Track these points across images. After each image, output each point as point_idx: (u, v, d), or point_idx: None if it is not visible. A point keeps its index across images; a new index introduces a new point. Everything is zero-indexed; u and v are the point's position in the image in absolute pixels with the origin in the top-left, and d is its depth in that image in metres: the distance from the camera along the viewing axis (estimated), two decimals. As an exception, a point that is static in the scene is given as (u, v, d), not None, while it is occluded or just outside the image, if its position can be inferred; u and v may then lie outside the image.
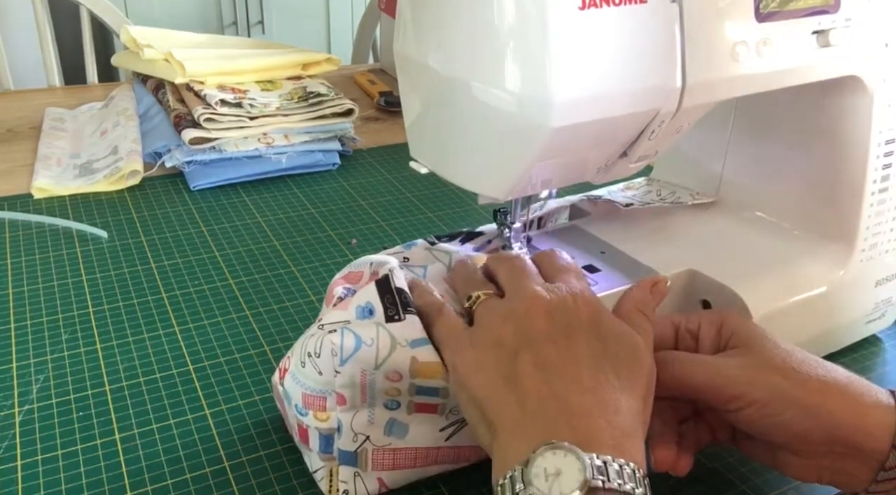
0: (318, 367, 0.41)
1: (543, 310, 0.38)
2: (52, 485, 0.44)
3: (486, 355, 0.38)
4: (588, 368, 0.36)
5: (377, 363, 0.40)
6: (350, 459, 0.42)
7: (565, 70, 0.36)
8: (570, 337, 0.38)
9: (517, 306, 0.39)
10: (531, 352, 0.37)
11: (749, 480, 0.47)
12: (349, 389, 0.41)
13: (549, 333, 0.38)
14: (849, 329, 0.58)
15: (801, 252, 0.56)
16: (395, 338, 0.41)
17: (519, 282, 0.41)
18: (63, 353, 0.55)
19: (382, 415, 0.42)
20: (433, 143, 0.46)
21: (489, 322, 0.39)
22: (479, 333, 0.39)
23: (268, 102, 0.87)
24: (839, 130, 0.53)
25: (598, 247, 0.56)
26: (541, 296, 0.39)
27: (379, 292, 0.42)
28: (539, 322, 0.38)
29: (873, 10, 0.48)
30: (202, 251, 0.70)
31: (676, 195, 0.62)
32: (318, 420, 0.42)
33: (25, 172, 0.84)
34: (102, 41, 1.89)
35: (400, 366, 0.41)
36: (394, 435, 0.42)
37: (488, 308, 0.41)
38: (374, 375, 0.41)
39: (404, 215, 0.79)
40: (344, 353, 0.40)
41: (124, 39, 0.99)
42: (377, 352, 0.40)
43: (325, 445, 0.43)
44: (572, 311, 0.39)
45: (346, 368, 0.40)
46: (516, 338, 0.38)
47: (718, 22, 0.41)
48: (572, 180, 0.47)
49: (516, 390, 0.36)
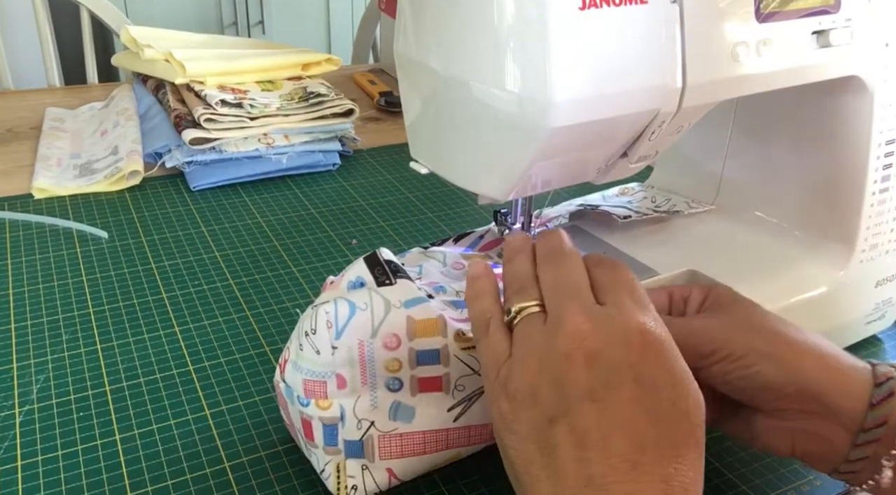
0: (316, 346, 0.40)
1: (585, 356, 0.33)
2: (52, 485, 0.44)
3: (521, 412, 0.34)
4: (634, 435, 0.32)
5: (373, 328, 0.40)
6: (356, 450, 0.42)
7: (565, 70, 0.36)
8: (615, 390, 0.33)
9: (556, 347, 0.34)
10: (568, 421, 0.32)
11: (749, 480, 0.47)
12: (348, 368, 0.41)
13: (590, 388, 0.33)
14: (849, 329, 0.58)
15: (801, 252, 0.56)
16: (389, 300, 0.41)
17: (562, 309, 0.35)
18: (63, 353, 0.55)
19: (385, 398, 0.42)
20: (433, 143, 0.46)
21: (526, 362, 0.35)
22: (514, 377, 0.35)
23: (268, 102, 0.87)
24: (839, 130, 0.53)
25: (598, 247, 0.56)
26: (583, 333, 0.34)
27: (368, 265, 0.43)
28: (579, 372, 0.33)
29: (873, 10, 0.48)
30: (202, 251, 0.70)
31: (672, 202, 0.62)
32: (319, 408, 0.41)
33: (25, 172, 0.84)
34: (102, 41, 1.89)
35: (397, 327, 0.40)
36: (399, 419, 0.42)
37: (527, 336, 0.36)
38: (372, 344, 0.40)
39: (404, 215, 0.79)
40: (339, 322, 0.40)
41: (124, 39, 0.99)
42: (372, 316, 0.40)
43: (330, 437, 0.42)
44: (620, 353, 0.33)
45: (342, 341, 0.40)
46: (553, 395, 0.33)
47: (719, 22, 0.41)
48: (572, 181, 0.47)
49: (551, 468, 0.32)
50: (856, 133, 0.52)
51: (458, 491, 0.45)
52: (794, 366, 0.39)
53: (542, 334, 0.35)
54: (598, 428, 0.32)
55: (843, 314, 0.57)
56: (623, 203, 0.62)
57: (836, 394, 0.38)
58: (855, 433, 0.38)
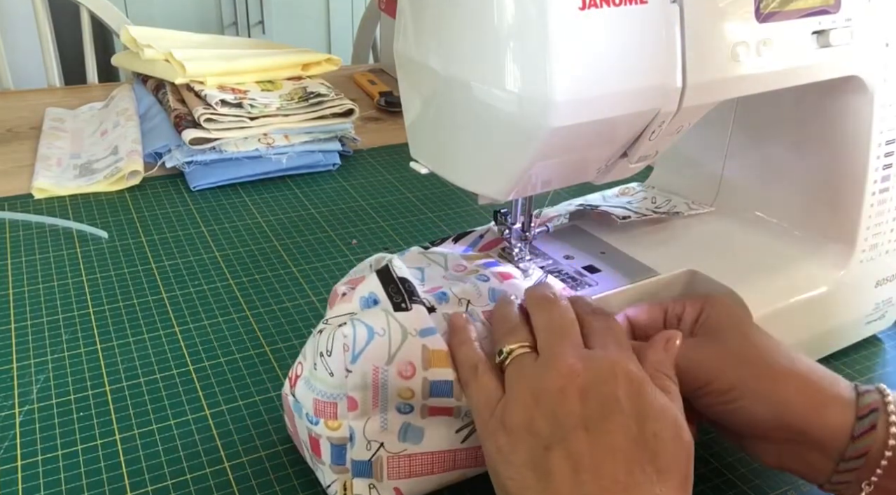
0: (329, 368, 0.40)
1: (578, 390, 0.36)
2: (52, 485, 0.44)
3: (518, 444, 0.36)
4: (624, 461, 0.34)
5: (390, 355, 0.40)
6: (364, 470, 0.41)
7: (565, 70, 0.36)
8: (605, 421, 0.36)
9: (551, 383, 0.37)
10: (563, 447, 0.35)
11: (749, 480, 0.47)
12: (360, 392, 0.40)
13: (583, 418, 0.36)
14: (849, 329, 0.58)
15: (801, 252, 0.56)
16: (406, 328, 0.41)
17: (554, 347, 0.39)
18: (63, 353, 0.55)
19: (396, 420, 0.41)
20: (433, 143, 0.46)
21: (521, 398, 0.37)
22: (510, 412, 0.37)
23: (268, 102, 0.87)
24: (839, 130, 0.53)
25: (598, 247, 0.56)
26: (576, 371, 0.37)
27: (381, 282, 0.42)
28: (572, 404, 0.36)
29: (873, 10, 0.48)
30: (202, 251, 0.70)
31: (672, 203, 0.62)
32: (329, 429, 0.41)
33: (25, 172, 0.84)
34: (102, 41, 1.89)
35: (412, 356, 0.40)
36: (409, 441, 0.42)
37: (520, 373, 0.39)
38: (387, 372, 0.40)
39: (404, 215, 0.79)
40: (356, 347, 0.40)
41: (124, 39, 0.99)
42: (389, 343, 0.40)
43: (338, 456, 0.41)
44: (609, 388, 0.37)
45: (357, 366, 0.40)
46: (548, 425, 0.36)
47: (719, 22, 0.41)
48: (572, 181, 0.47)
49: (548, 492, 0.34)
50: (856, 133, 0.52)
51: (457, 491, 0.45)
52: (778, 401, 0.40)
53: (534, 371, 0.38)
54: (591, 454, 0.35)
55: (843, 314, 0.57)
56: (623, 203, 0.62)
57: (819, 428, 0.39)
58: (836, 461, 0.39)
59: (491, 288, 0.46)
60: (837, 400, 0.40)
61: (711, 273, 0.52)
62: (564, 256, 0.55)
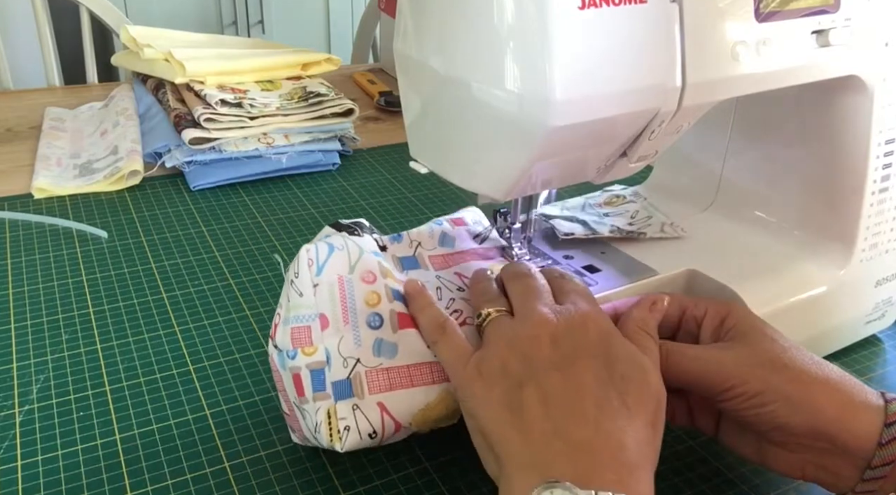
0: (300, 289, 0.43)
1: (549, 336, 0.39)
2: (52, 485, 0.44)
3: (493, 386, 0.38)
4: (593, 397, 0.36)
5: (350, 265, 0.44)
6: (345, 390, 0.42)
7: (565, 70, 0.36)
8: (576, 362, 0.38)
9: (524, 331, 0.40)
10: (535, 384, 0.37)
11: (749, 480, 0.47)
12: (329, 306, 0.43)
13: (554, 360, 0.38)
14: (849, 329, 0.58)
15: (801, 252, 0.56)
16: (361, 247, 0.46)
17: (528, 304, 0.41)
18: (63, 353, 0.55)
19: (368, 336, 0.43)
20: (433, 143, 0.46)
21: (496, 346, 0.40)
22: (486, 360, 0.39)
23: (268, 102, 0.87)
24: (839, 130, 0.53)
25: (598, 247, 0.56)
26: (548, 320, 0.40)
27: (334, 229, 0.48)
28: (544, 349, 0.39)
29: (873, 9, 0.48)
30: (202, 251, 0.70)
31: (652, 219, 0.60)
32: (306, 355, 0.42)
33: (25, 172, 0.84)
34: (102, 41, 1.88)
35: (371, 266, 0.45)
36: (383, 356, 0.43)
37: (497, 329, 0.41)
38: (351, 281, 0.44)
39: (404, 215, 0.79)
40: (319, 260, 0.44)
41: (124, 39, 0.99)
42: (349, 255, 0.45)
43: (318, 382, 0.42)
44: (579, 334, 0.39)
45: (323, 277, 0.43)
46: (522, 366, 0.38)
47: (718, 22, 0.41)
48: (572, 180, 0.47)
49: (520, 425, 0.36)
50: (855, 133, 0.52)
51: (458, 492, 0.45)
52: (809, 408, 0.39)
53: (511, 326, 0.41)
54: (563, 390, 0.37)
55: (843, 313, 0.57)
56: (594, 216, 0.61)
57: (847, 434, 0.39)
58: (863, 469, 0.39)
59: (443, 231, 0.51)
60: (866, 407, 0.40)
61: (711, 273, 0.52)
62: (564, 256, 0.55)
